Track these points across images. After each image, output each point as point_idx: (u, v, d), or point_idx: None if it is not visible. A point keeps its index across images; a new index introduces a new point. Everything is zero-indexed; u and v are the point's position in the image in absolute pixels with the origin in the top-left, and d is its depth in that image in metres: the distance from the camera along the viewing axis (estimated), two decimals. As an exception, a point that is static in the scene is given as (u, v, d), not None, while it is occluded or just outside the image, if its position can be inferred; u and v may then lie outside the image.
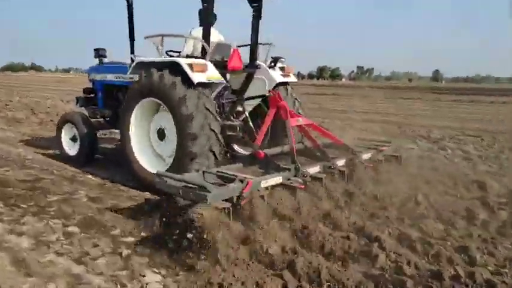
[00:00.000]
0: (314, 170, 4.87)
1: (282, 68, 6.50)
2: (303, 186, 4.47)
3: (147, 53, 6.22)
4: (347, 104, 22.69)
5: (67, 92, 26.07)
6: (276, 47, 6.48)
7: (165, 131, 5.58)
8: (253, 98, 6.42)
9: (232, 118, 6.30)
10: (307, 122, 5.53)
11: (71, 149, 7.24)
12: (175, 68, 5.28)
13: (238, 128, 6.01)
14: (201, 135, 5.05)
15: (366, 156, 5.50)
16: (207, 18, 5.58)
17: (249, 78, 6.38)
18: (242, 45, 6.39)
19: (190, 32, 6.29)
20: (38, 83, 43.51)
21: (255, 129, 6.25)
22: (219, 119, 5.28)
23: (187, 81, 5.16)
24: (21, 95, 22.56)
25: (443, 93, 38.05)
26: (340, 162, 5.14)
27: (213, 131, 5.16)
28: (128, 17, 6.76)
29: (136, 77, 6.42)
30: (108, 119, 7.55)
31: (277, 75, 6.34)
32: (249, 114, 6.42)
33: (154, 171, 5.50)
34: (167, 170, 5.30)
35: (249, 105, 6.55)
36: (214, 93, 5.61)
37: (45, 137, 9.81)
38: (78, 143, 7.04)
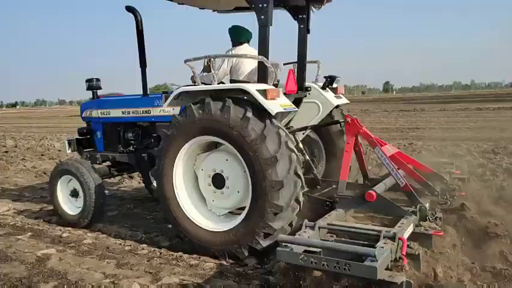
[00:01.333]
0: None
1: (333, 89, 5.57)
2: (442, 233, 3.52)
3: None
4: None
5: (56, 130, 23.65)
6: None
7: (225, 177, 4.36)
8: (316, 125, 5.40)
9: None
10: (395, 150, 4.62)
11: (71, 207, 5.71)
12: (235, 97, 4.16)
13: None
14: (287, 183, 3.94)
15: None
16: (265, 32, 4.49)
17: (298, 103, 5.37)
18: (289, 63, 5.41)
19: (231, 52, 5.20)
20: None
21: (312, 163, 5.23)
22: (300, 159, 4.20)
23: (260, 112, 4.05)
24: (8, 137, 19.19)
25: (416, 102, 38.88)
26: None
27: (299, 176, 4.08)
28: (138, 41, 5.50)
29: (166, 112, 5.23)
30: (110, 163, 6.17)
31: (332, 98, 5.39)
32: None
33: (214, 227, 4.35)
34: (237, 227, 4.14)
35: (298, 135, 5.51)
36: (283, 123, 4.53)
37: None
38: (81, 199, 5.54)
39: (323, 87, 5.41)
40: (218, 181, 4.40)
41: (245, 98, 4.16)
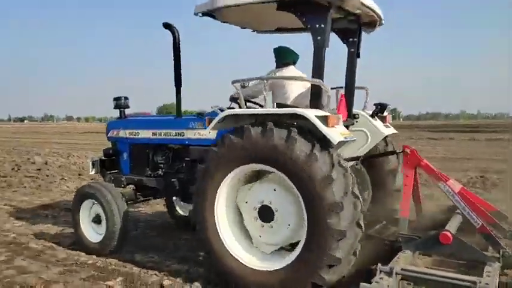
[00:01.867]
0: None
1: (381, 118, 5.20)
2: (531, 284, 3.07)
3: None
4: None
5: (78, 146, 23.12)
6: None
7: (274, 210, 3.93)
8: (371, 155, 5.02)
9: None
10: (459, 186, 4.21)
11: (94, 234, 5.26)
12: (287, 122, 3.79)
13: None
14: (348, 234, 3.50)
15: None
16: (321, 54, 4.13)
17: (345, 131, 4.99)
18: (335, 88, 5.05)
19: (274, 74, 4.85)
20: (15, 137, 38.28)
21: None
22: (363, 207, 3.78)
23: (315, 139, 3.67)
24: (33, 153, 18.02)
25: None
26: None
27: (360, 227, 3.65)
28: (174, 59, 5.16)
29: (202, 135, 4.87)
30: (136, 187, 5.75)
31: (381, 127, 5.00)
32: None
33: (264, 267, 3.88)
34: (293, 263, 3.68)
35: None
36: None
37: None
38: (104, 225, 5.09)
39: (372, 115, 5.04)
40: (265, 214, 3.97)
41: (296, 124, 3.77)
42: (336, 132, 3.68)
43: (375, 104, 5.09)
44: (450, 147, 21.65)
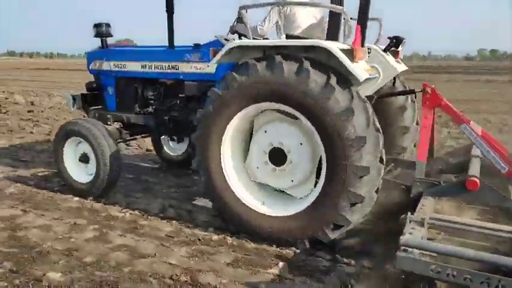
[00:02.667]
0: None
1: (392, 53, 4.81)
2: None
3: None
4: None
5: (50, 84, 21.21)
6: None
7: (287, 152, 3.61)
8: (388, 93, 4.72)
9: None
10: (479, 129, 3.97)
11: (82, 174, 4.87)
12: (311, 58, 3.36)
13: None
14: (371, 169, 3.24)
15: None
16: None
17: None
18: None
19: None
20: None
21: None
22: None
23: (343, 79, 3.29)
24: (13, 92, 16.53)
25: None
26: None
27: (383, 162, 3.39)
28: None
29: (199, 68, 4.42)
30: (123, 125, 5.30)
31: (395, 63, 4.64)
32: None
33: (271, 212, 3.65)
34: (301, 214, 3.45)
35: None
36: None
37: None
38: (94, 165, 4.69)
39: (385, 50, 4.64)
40: (277, 156, 3.66)
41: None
42: (361, 68, 3.32)
43: (389, 38, 4.67)
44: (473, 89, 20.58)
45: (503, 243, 2.56)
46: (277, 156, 3.65)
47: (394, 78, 4.92)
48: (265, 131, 3.72)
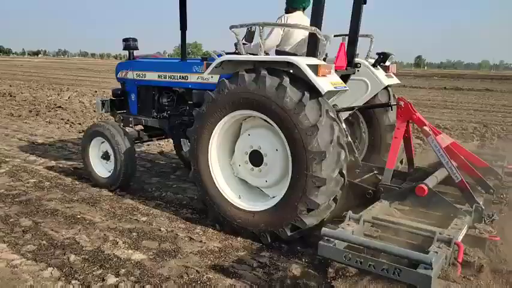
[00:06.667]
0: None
1: (384, 67, 5.15)
2: (497, 238, 3.19)
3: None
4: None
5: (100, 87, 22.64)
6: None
7: (264, 155, 4.11)
8: (366, 106, 5.05)
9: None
10: (450, 140, 4.24)
11: (103, 170, 5.63)
12: (281, 69, 3.84)
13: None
14: (329, 181, 3.65)
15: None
16: (318, 0, 4.08)
17: (345, 80, 4.98)
18: (339, 35, 4.99)
19: (282, 19, 4.83)
20: (40, 71, 38.03)
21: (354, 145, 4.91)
22: (348, 156, 3.91)
23: (306, 88, 3.74)
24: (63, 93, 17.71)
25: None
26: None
27: (343, 146, 3.79)
28: (180, 1, 5.17)
29: (205, 79, 4.97)
30: (143, 128, 6.02)
31: (383, 77, 4.98)
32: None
33: (252, 207, 4.13)
34: (277, 205, 3.91)
35: (342, 115, 5.16)
36: (331, 103, 4.19)
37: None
38: (113, 162, 5.42)
39: (374, 65, 5.00)
40: (255, 158, 4.16)
41: (291, 72, 3.83)
42: (325, 82, 3.73)
43: (377, 53, 5.03)
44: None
45: (423, 241, 2.87)
46: (256, 158, 4.14)
47: (388, 92, 5.24)
48: (249, 135, 4.23)
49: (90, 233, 4.16)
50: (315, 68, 3.71)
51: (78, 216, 4.57)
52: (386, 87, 5.15)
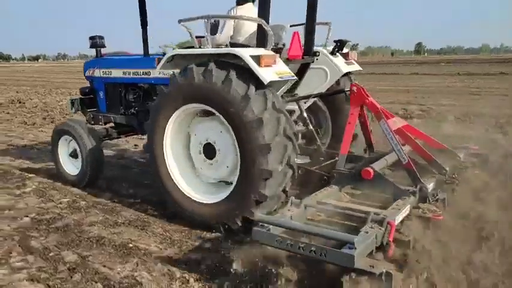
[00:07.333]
0: (430, 187, 3.63)
1: (343, 54, 5.16)
2: (441, 217, 3.22)
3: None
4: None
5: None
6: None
7: (216, 147, 4.15)
8: (320, 94, 5.06)
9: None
10: (403, 123, 4.26)
11: (73, 167, 5.67)
12: (229, 62, 3.87)
13: (299, 135, 4.74)
14: (276, 173, 3.68)
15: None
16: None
17: (304, 69, 5.01)
18: (296, 25, 5.00)
19: (232, 12, 4.85)
20: (43, 76, 37.43)
21: (315, 132, 4.94)
22: (297, 148, 3.93)
23: (252, 80, 3.76)
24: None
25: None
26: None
27: (290, 139, 3.81)
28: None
29: (154, 75, 5.00)
30: (114, 125, 6.05)
31: (342, 64, 4.99)
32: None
33: (206, 200, 4.18)
34: (228, 198, 3.94)
35: (305, 103, 5.18)
36: (281, 93, 4.21)
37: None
38: (80, 160, 5.47)
39: (332, 53, 5.01)
40: (209, 151, 4.20)
41: (239, 65, 3.85)
42: (268, 72, 3.74)
43: (334, 41, 5.04)
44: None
45: (362, 222, 2.90)
46: (209, 151, 4.18)
47: (350, 79, 5.25)
48: (195, 134, 4.31)
49: (151, 269, 3.39)
50: (257, 59, 3.73)
51: (130, 245, 3.85)
52: (347, 74, 5.17)
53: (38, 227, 4.35)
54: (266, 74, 3.69)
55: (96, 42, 6.01)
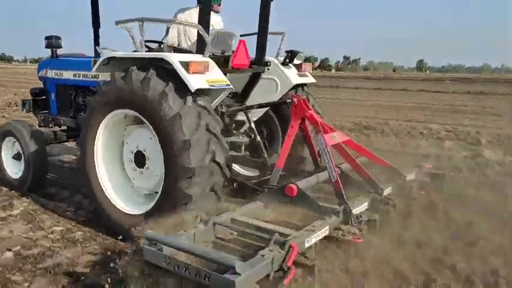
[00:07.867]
0: (361, 207, 3.42)
1: (296, 66, 4.99)
2: (360, 240, 3.01)
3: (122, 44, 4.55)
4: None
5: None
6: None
7: (146, 156, 3.95)
8: (260, 105, 4.88)
9: (233, 132, 4.75)
10: (343, 138, 4.05)
11: (15, 170, 5.45)
12: (161, 67, 3.69)
13: (243, 146, 4.53)
14: (199, 171, 3.49)
15: (410, 177, 4.11)
16: None
17: (255, 79, 4.85)
18: (246, 34, 4.83)
19: (176, 15, 4.70)
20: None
21: (263, 144, 4.74)
22: (226, 145, 3.74)
23: (181, 87, 3.58)
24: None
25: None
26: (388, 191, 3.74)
27: (217, 163, 3.61)
28: None
29: (102, 77, 4.80)
30: (64, 128, 5.84)
31: (293, 76, 4.83)
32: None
33: (134, 212, 3.96)
34: (150, 212, 3.73)
35: (255, 114, 4.99)
36: (217, 102, 4.02)
37: None
38: (23, 162, 5.26)
39: (283, 63, 4.84)
40: (139, 159, 4.00)
41: (164, 67, 3.69)
42: (196, 79, 3.57)
43: (286, 51, 4.88)
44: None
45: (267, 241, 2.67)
46: (140, 159, 3.98)
47: (304, 90, 5.07)
48: (127, 143, 4.13)
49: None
50: (186, 65, 3.55)
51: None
52: (301, 86, 5.00)
53: (21, 267, 3.50)
54: (194, 81, 3.52)
55: (51, 42, 5.83)
